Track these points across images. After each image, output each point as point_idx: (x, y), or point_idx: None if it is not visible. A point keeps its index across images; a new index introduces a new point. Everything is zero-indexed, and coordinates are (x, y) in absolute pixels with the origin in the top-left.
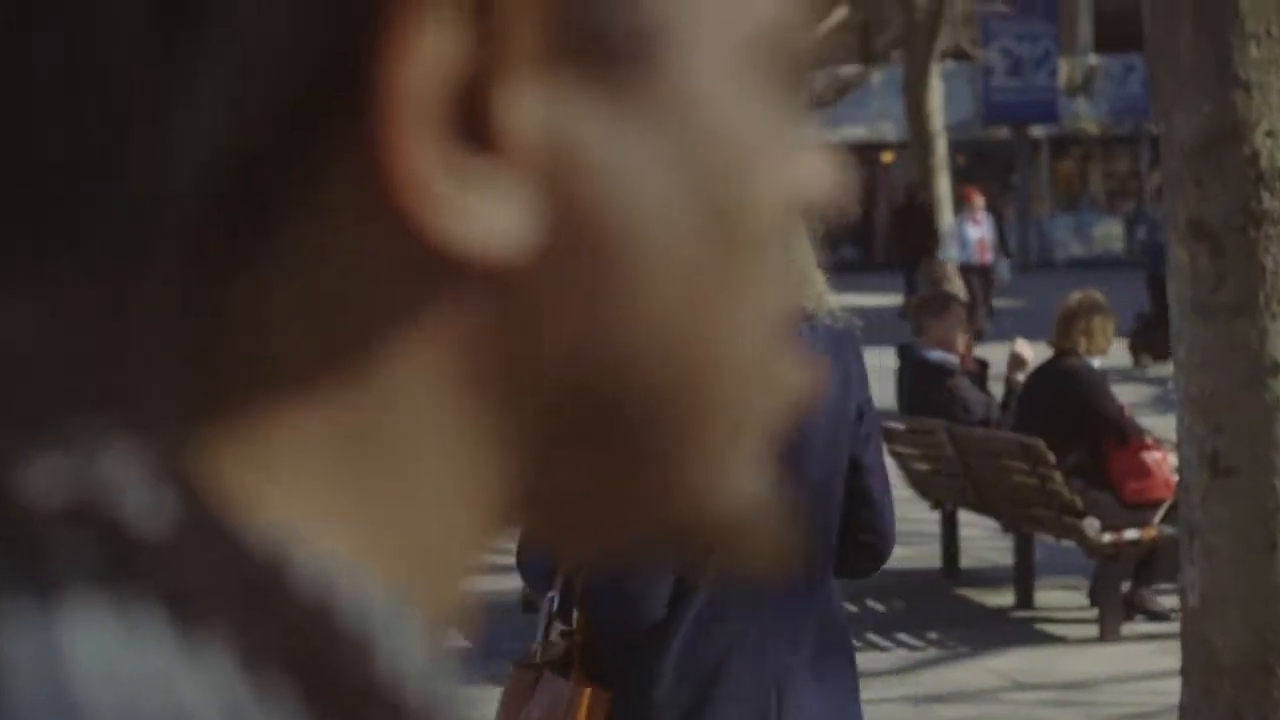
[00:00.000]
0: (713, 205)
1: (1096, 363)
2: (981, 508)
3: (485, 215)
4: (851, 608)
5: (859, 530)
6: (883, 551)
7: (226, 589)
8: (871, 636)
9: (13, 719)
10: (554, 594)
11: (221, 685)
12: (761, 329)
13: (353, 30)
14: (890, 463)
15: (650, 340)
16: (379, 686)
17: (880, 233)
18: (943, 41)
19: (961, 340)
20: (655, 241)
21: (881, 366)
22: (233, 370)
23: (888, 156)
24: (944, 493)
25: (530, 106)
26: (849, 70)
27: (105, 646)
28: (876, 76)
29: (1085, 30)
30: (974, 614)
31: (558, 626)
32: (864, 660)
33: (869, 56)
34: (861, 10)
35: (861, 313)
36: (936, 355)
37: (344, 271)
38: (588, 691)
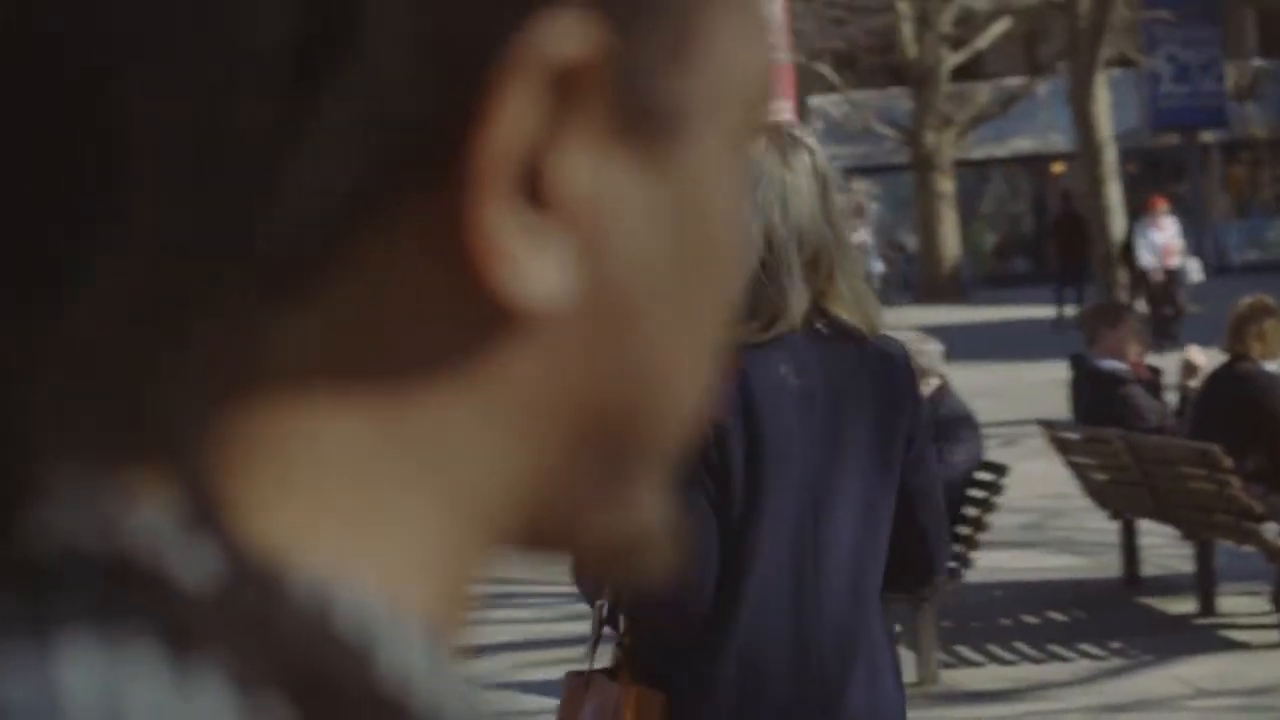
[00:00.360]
0: (699, 256)
1: (1271, 367)
2: (1160, 515)
3: (539, 269)
4: (1032, 619)
5: (909, 553)
6: (932, 574)
7: (221, 614)
8: (1053, 647)
9: None
10: (604, 602)
11: (219, 712)
12: (706, 361)
13: (458, 98)
14: (1067, 473)
15: (649, 372)
16: (381, 694)
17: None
18: (1106, 50)
19: (1135, 349)
20: (660, 287)
21: (1051, 380)
22: (264, 404)
23: (1057, 168)
24: (1122, 502)
25: (583, 173)
26: (1014, 83)
27: (101, 684)
28: (1042, 88)
29: (1250, 34)
30: (1156, 622)
31: (608, 633)
32: (1047, 671)
33: (1034, 68)
34: (1025, 22)
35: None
36: (1110, 364)
37: (402, 314)
38: (635, 691)
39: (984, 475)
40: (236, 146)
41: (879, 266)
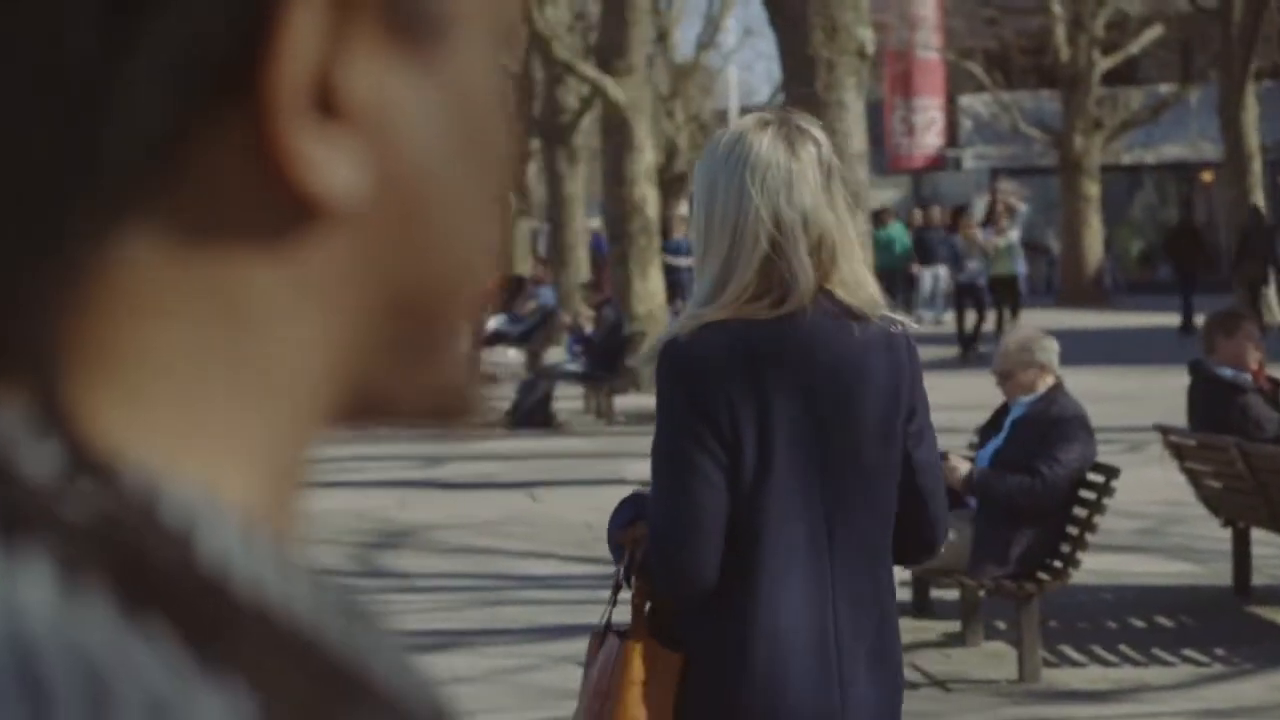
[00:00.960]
0: (474, 143)
1: None
2: (1274, 525)
3: (334, 168)
4: (1139, 623)
5: (913, 522)
6: (935, 542)
7: (55, 504)
8: (1157, 651)
9: None
10: (624, 564)
11: (40, 587)
12: (488, 233)
13: (253, 25)
14: (1181, 479)
15: (443, 248)
16: (201, 576)
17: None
18: (1258, 60)
19: (1255, 357)
20: (443, 174)
21: (1181, 387)
22: (109, 312)
23: (1207, 176)
24: (1235, 510)
25: (366, 81)
26: (1166, 89)
27: None
28: (1195, 95)
29: None
30: (1263, 631)
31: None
32: (1148, 675)
33: (1187, 75)
34: (1178, 29)
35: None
36: (1228, 373)
37: (225, 218)
38: (639, 645)
39: (1095, 477)
40: (69, 72)
41: (1023, 268)
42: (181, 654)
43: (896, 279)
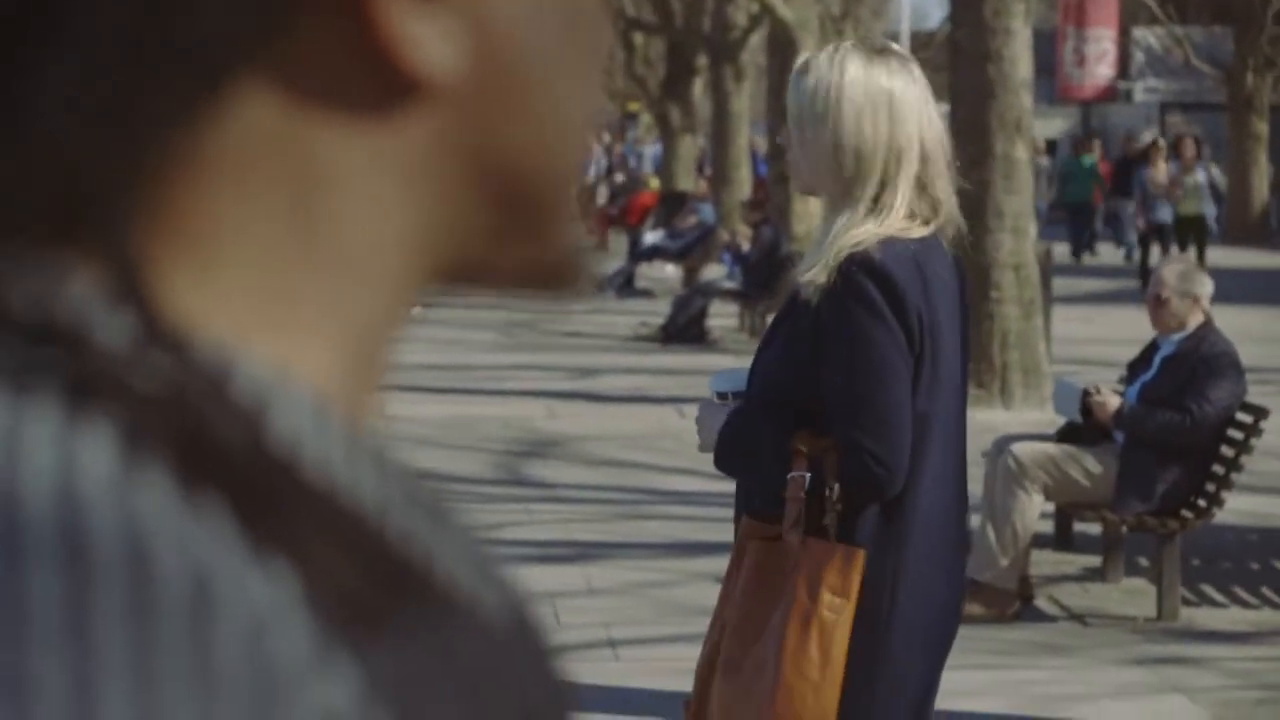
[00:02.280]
0: (570, 21)
1: None
2: None
3: (431, 44)
4: None
5: None
6: None
7: (126, 375)
8: None
9: None
10: (803, 473)
11: (103, 453)
12: (588, 113)
13: None
14: None
15: (540, 126)
16: (270, 454)
17: None
18: None
19: None
20: (539, 51)
21: None
22: (192, 181)
23: None
24: None
25: None
26: None
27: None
28: None
29: None
30: None
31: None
32: None
33: None
34: None
35: None
36: None
37: (317, 97)
38: (840, 548)
39: (1243, 417)
40: None
41: (1212, 209)
42: (233, 531)
43: (1088, 210)
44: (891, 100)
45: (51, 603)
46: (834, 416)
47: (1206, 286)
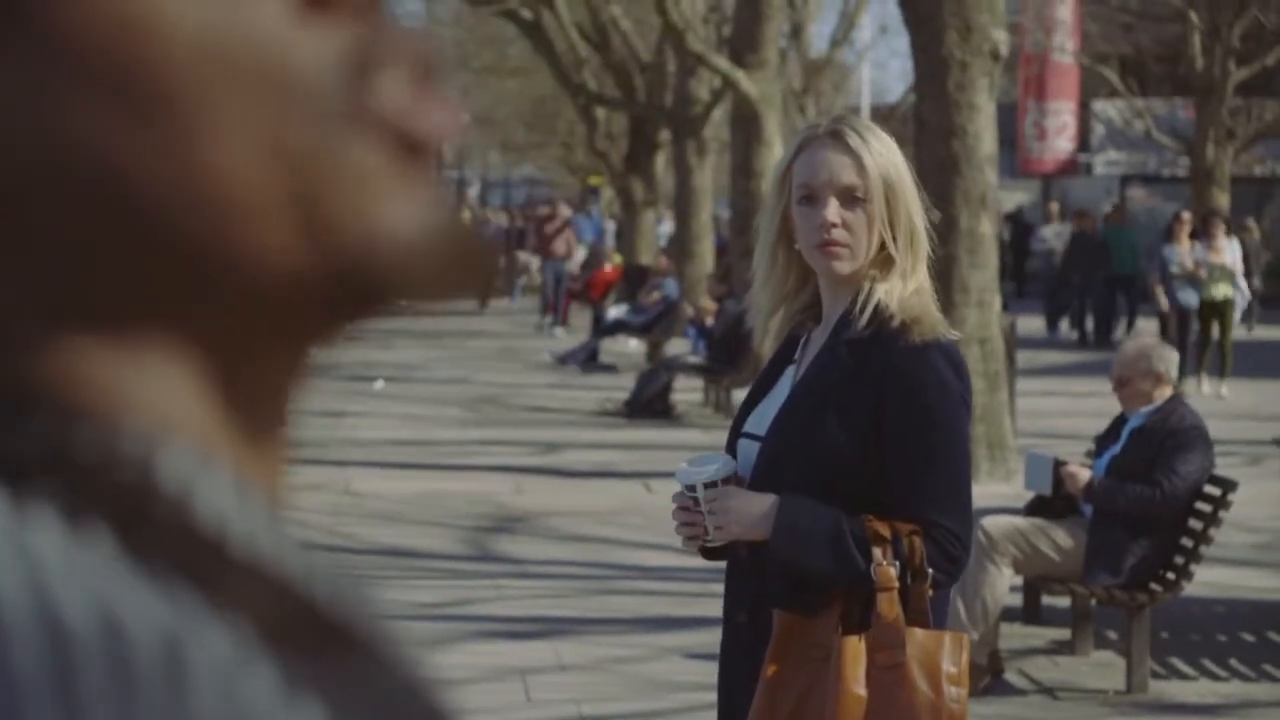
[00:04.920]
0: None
1: None
2: None
3: None
4: (1250, 638)
5: None
6: None
7: (64, 467)
8: (1267, 668)
9: None
10: (894, 561)
11: (53, 535)
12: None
13: None
14: None
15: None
16: (198, 529)
17: None
18: None
19: None
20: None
21: None
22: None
23: None
24: None
25: None
26: None
27: None
28: None
29: None
30: None
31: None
32: (1257, 691)
33: None
34: None
35: None
36: None
37: None
38: (966, 637)
39: (1212, 489)
40: None
41: (1244, 295)
42: (187, 595)
43: (1130, 283)
44: (917, 185)
45: (39, 678)
46: (913, 497)
47: (1169, 361)
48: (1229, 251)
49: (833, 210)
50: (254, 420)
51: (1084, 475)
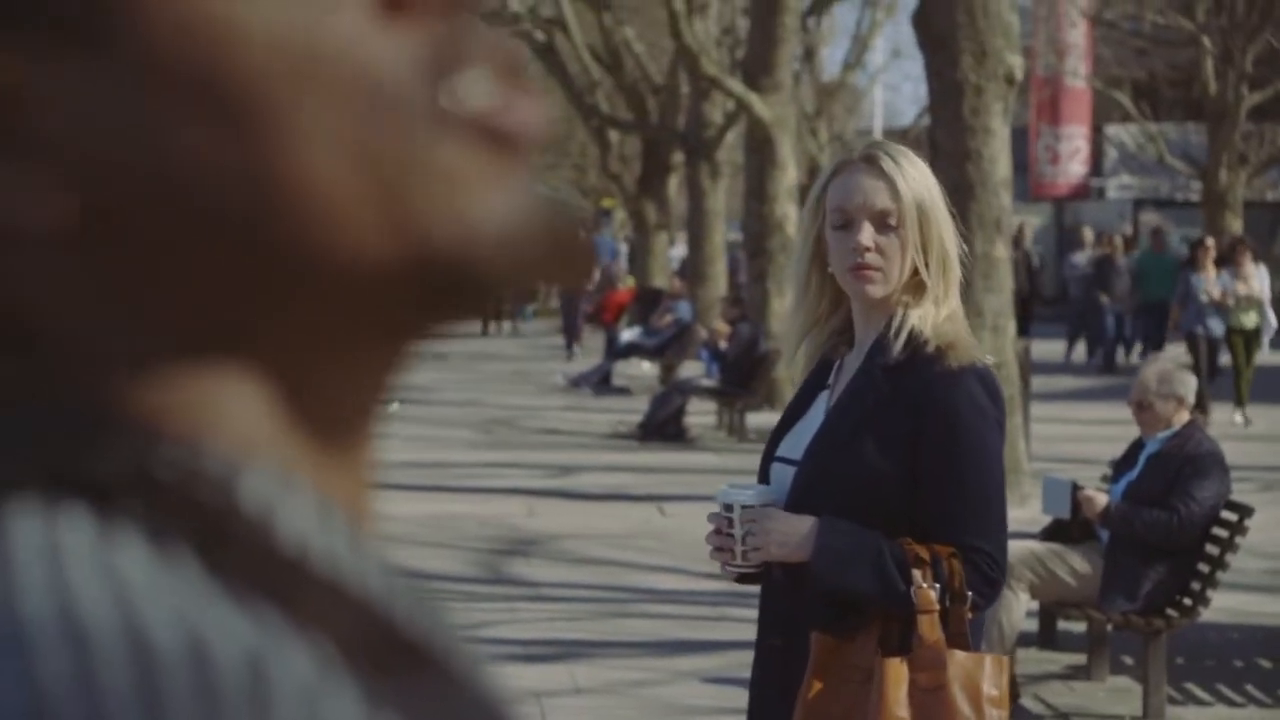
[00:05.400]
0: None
1: None
2: None
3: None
4: (1266, 663)
5: None
6: None
7: (150, 488)
8: None
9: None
10: (935, 584)
11: (138, 556)
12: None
13: None
14: None
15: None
16: (279, 549)
17: None
18: None
19: None
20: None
21: None
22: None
23: None
24: None
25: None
26: None
27: (42, 534)
28: None
29: None
30: None
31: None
32: (1275, 716)
33: None
34: None
35: None
36: None
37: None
38: (1007, 660)
39: (1228, 515)
40: None
41: (1273, 321)
42: (269, 615)
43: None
44: (950, 212)
45: (126, 697)
46: (951, 521)
47: (1188, 385)
48: (1256, 278)
49: (866, 235)
50: (337, 436)
51: (1101, 500)
